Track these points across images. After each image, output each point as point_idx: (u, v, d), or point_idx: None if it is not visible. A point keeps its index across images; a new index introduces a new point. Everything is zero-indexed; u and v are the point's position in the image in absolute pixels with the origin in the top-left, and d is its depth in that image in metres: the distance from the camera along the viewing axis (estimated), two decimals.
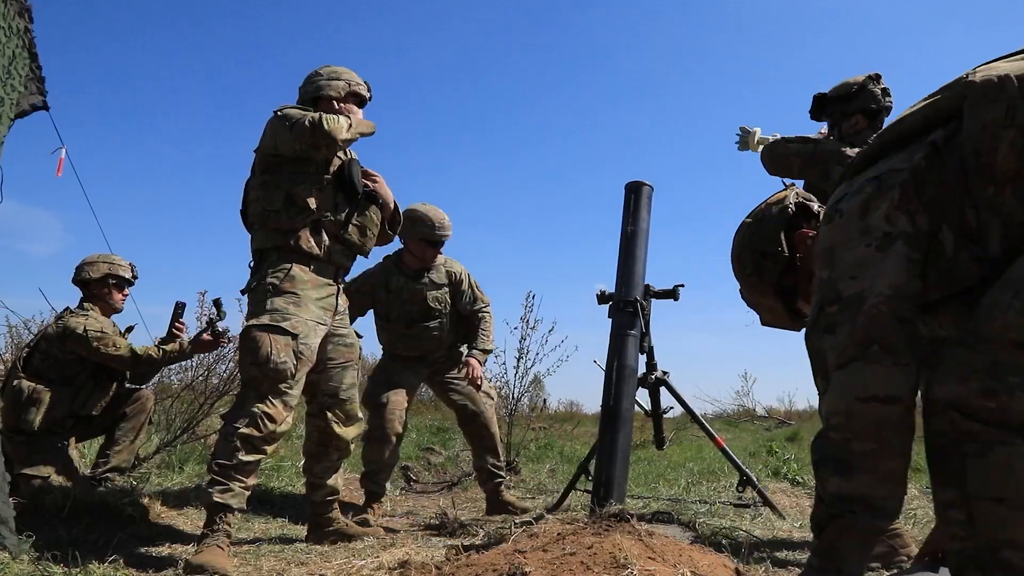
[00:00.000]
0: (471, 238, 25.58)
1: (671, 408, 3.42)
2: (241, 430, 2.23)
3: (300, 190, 2.46)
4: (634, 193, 3.21)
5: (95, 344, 3.10)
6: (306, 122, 2.38)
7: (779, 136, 3.01)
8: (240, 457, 2.21)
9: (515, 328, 9.31)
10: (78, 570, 1.97)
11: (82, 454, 3.49)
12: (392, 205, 2.80)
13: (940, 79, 1.44)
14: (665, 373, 3.30)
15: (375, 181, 2.72)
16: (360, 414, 2.80)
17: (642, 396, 3.26)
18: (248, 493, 2.28)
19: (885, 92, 2.73)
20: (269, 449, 2.32)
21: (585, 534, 1.80)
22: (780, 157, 2.81)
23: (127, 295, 3.44)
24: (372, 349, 11.84)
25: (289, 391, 2.34)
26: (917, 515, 3.12)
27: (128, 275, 3.40)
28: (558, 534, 1.83)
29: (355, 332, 2.81)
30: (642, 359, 3.08)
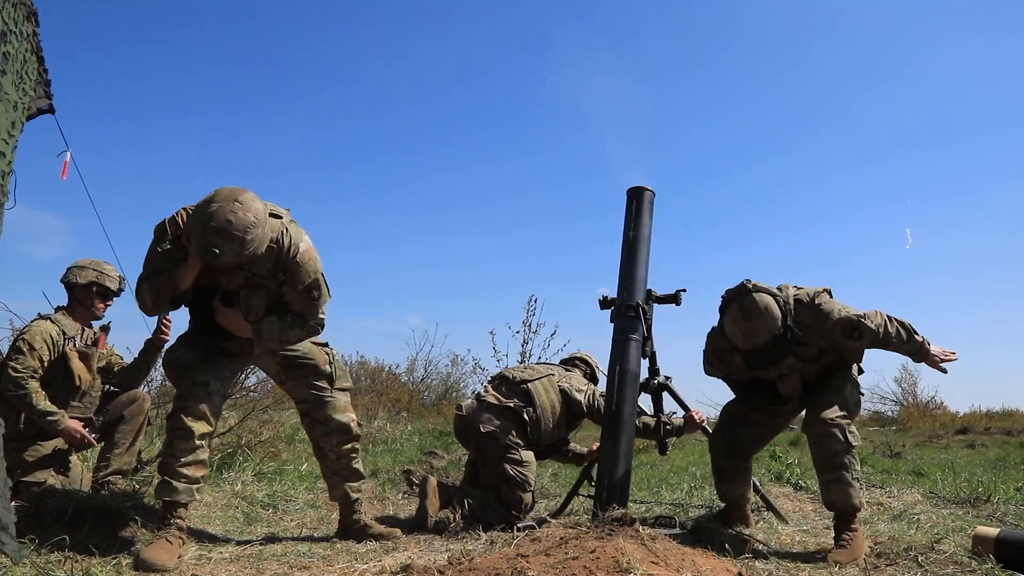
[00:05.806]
0: (473, 241, 25.63)
1: (674, 413, 3.42)
2: (172, 422, 2.44)
3: None
4: (636, 198, 3.21)
5: (10, 363, 3.02)
6: None
7: None
8: (175, 444, 2.39)
9: (517, 332, 9.37)
10: (81, 574, 1.97)
11: (84, 458, 3.49)
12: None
13: (944, 81, 1.44)
14: (668, 378, 3.30)
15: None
16: (342, 416, 2.76)
17: (644, 401, 3.27)
18: (195, 487, 2.41)
19: None
20: (198, 439, 2.41)
21: (588, 538, 1.80)
22: None
23: (110, 305, 3.42)
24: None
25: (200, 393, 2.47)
26: (920, 520, 3.11)
27: (114, 286, 3.39)
28: (561, 538, 1.83)
29: (313, 344, 2.75)
30: (644, 364, 3.08)
